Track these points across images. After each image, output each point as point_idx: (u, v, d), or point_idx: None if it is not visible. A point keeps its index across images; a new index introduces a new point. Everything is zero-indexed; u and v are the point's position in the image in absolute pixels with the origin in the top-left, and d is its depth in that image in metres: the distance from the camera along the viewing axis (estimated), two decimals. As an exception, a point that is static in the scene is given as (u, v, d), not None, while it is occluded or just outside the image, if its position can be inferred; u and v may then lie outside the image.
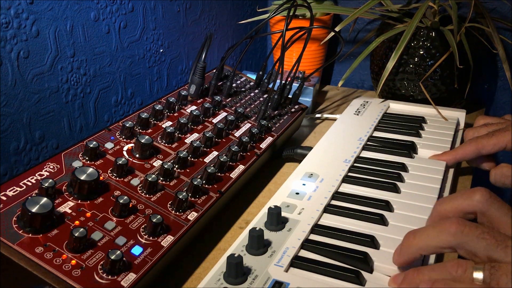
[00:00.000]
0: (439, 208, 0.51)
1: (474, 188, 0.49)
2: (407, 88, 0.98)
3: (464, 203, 0.49)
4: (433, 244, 0.46)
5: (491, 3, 1.07)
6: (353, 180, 0.69)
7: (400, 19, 1.01)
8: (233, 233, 0.66)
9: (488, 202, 0.47)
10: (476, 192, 0.48)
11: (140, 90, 0.89)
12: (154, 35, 0.89)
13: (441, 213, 0.50)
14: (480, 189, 0.48)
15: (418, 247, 0.48)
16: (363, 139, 0.81)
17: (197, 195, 0.62)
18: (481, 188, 0.48)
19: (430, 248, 0.47)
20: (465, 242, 0.44)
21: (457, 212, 0.49)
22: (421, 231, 0.48)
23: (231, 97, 0.85)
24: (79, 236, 0.48)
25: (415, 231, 0.49)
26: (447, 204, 0.50)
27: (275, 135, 0.80)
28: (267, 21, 0.80)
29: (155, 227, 0.54)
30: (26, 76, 0.66)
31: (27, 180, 0.54)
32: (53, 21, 0.68)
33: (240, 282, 0.49)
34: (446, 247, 0.46)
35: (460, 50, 0.86)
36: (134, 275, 0.49)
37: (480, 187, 0.48)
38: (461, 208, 0.49)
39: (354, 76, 1.27)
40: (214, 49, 1.10)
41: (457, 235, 0.45)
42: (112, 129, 0.66)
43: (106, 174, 0.59)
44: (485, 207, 0.47)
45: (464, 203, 0.49)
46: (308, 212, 0.61)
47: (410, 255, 0.49)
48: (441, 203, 0.51)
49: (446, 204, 0.50)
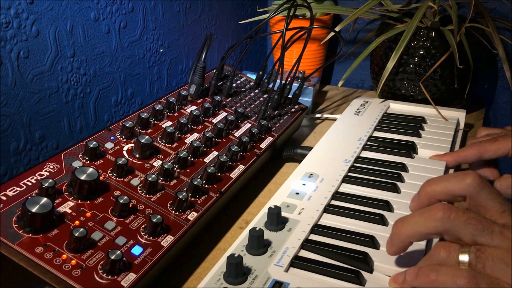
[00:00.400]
0: (428, 189, 0.49)
1: (465, 171, 0.48)
2: (407, 88, 0.98)
3: (455, 186, 0.48)
4: (421, 231, 0.46)
5: (491, 3, 1.07)
6: (353, 180, 0.69)
7: (400, 19, 1.01)
8: (233, 233, 0.66)
9: (479, 187, 0.46)
10: (468, 176, 0.47)
11: (140, 90, 0.89)
12: (154, 35, 0.89)
13: (430, 194, 0.49)
14: (471, 172, 0.47)
15: (407, 235, 0.48)
16: (363, 139, 0.81)
17: (197, 195, 0.62)
18: (472, 172, 0.47)
19: (418, 235, 0.47)
20: (451, 227, 0.44)
21: (447, 195, 0.48)
22: (408, 219, 0.48)
23: (231, 97, 0.85)
24: (79, 236, 0.48)
25: (402, 219, 0.48)
26: (437, 185, 0.49)
27: (275, 135, 0.80)
28: (267, 21, 0.80)
29: (155, 227, 0.54)
30: (26, 76, 0.66)
31: (27, 180, 0.54)
32: (53, 21, 0.68)
33: (240, 282, 0.49)
34: (434, 233, 0.46)
35: (460, 50, 0.86)
36: (134, 275, 0.49)
37: (471, 171, 0.48)
38: (451, 191, 0.48)
39: (354, 76, 1.27)
40: (214, 49, 1.10)
41: (444, 221, 0.45)
42: (112, 129, 0.66)
43: (106, 174, 0.59)
44: (475, 191, 0.46)
45: (455, 186, 0.48)
46: (308, 212, 0.61)
47: (400, 243, 0.49)
48: (431, 184, 0.49)
49: (436, 185, 0.49)
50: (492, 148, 0.67)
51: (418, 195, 0.50)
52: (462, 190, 0.47)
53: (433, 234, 0.46)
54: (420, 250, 0.53)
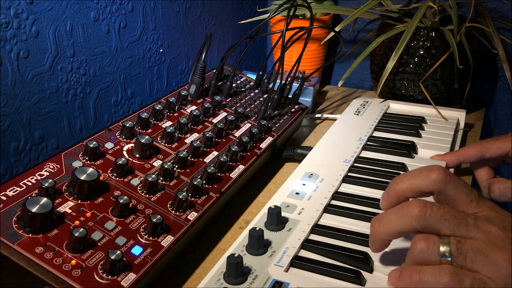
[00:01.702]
0: (396, 187, 0.49)
1: (430, 166, 0.48)
2: (407, 88, 0.98)
3: (421, 183, 0.48)
4: (399, 230, 0.46)
5: (491, 3, 1.07)
6: (353, 180, 0.69)
7: (400, 19, 1.01)
8: (233, 233, 0.66)
9: (444, 181, 0.46)
10: (433, 171, 0.47)
11: (140, 90, 0.89)
12: (154, 35, 0.89)
13: (398, 192, 0.49)
14: (436, 167, 0.47)
15: (384, 234, 0.48)
16: (363, 139, 0.81)
17: (197, 195, 0.62)
18: (437, 166, 0.47)
19: (396, 233, 0.47)
20: (428, 224, 0.45)
21: (414, 192, 0.48)
22: (384, 218, 0.48)
23: (231, 97, 0.85)
24: (79, 236, 0.48)
25: (378, 218, 0.48)
26: (404, 183, 0.49)
27: (275, 135, 0.80)
28: (267, 21, 0.80)
29: (155, 227, 0.54)
30: (26, 76, 0.66)
31: (27, 180, 0.54)
32: (53, 21, 0.68)
33: (240, 282, 0.49)
34: (411, 231, 0.46)
35: (460, 50, 0.86)
36: (134, 275, 0.49)
37: (436, 165, 0.48)
38: (418, 188, 0.48)
39: (354, 76, 1.27)
40: (214, 49, 1.10)
41: (421, 218, 0.45)
42: (112, 129, 0.66)
43: (106, 174, 0.59)
44: (442, 186, 0.47)
45: (422, 183, 0.48)
46: (308, 212, 0.61)
47: (380, 241, 0.49)
48: (398, 182, 0.49)
49: (403, 183, 0.49)
50: (494, 146, 0.67)
51: (387, 194, 0.50)
52: (428, 187, 0.47)
53: (410, 231, 0.46)
54: None
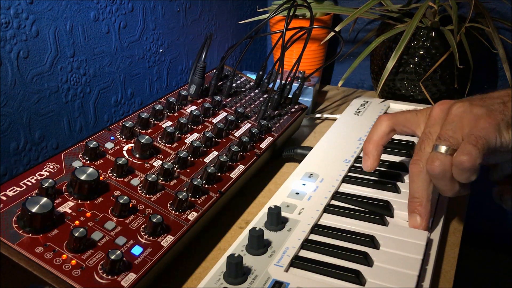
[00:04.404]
0: (365, 146, 0.63)
1: (379, 118, 0.62)
2: (407, 88, 0.98)
3: (380, 133, 0.62)
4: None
5: (491, 3, 1.07)
6: (353, 180, 0.69)
7: (400, 19, 1.01)
8: (233, 233, 0.66)
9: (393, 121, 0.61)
10: (382, 122, 0.62)
11: (140, 90, 0.89)
12: (154, 35, 0.89)
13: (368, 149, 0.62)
14: (383, 117, 0.62)
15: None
16: (363, 139, 0.80)
17: (197, 195, 0.62)
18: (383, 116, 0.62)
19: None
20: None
21: (380, 140, 0.62)
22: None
23: (231, 97, 0.85)
24: (79, 236, 0.48)
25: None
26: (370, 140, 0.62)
27: (275, 135, 0.80)
28: (267, 21, 0.80)
29: (155, 227, 0.54)
30: (26, 76, 0.66)
31: (27, 180, 0.54)
32: (52, 21, 0.68)
33: (240, 282, 0.49)
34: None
35: (460, 50, 0.86)
36: (134, 275, 0.49)
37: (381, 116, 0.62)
38: (380, 136, 0.62)
39: (354, 76, 1.27)
40: (214, 49, 1.10)
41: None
42: (112, 129, 0.66)
43: (106, 174, 0.59)
44: (394, 124, 0.61)
45: (380, 133, 0.62)
46: (308, 212, 0.61)
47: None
48: (365, 143, 0.63)
49: (369, 141, 0.62)
50: None
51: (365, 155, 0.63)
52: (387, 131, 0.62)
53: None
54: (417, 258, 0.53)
